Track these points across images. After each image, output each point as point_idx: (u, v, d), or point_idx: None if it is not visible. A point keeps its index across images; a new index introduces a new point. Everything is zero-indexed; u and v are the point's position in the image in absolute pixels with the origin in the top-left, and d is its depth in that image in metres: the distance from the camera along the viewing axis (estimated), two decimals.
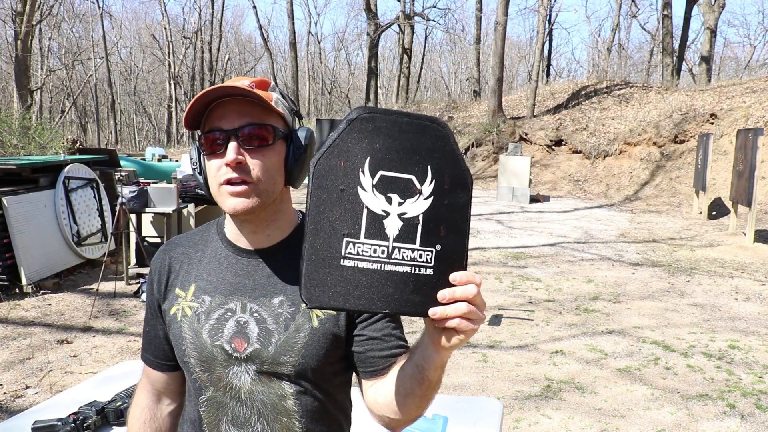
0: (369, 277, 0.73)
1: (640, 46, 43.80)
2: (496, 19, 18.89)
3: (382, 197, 0.74)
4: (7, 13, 23.02)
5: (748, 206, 8.65)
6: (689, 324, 5.18)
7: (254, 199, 0.96)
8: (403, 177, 0.74)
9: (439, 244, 0.75)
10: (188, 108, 0.96)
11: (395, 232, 0.74)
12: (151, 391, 1.18)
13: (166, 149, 20.98)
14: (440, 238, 0.75)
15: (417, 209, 0.74)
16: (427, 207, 0.74)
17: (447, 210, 0.75)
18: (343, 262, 0.73)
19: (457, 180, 0.75)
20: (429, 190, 0.74)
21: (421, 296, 0.74)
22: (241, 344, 0.99)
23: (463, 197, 0.76)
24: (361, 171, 0.74)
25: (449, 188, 0.75)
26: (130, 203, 6.06)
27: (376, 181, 0.74)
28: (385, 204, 0.74)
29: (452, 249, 0.75)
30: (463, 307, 0.73)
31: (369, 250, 0.73)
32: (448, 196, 0.75)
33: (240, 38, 50.36)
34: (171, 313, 1.06)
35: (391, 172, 0.74)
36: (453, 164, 0.76)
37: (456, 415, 1.85)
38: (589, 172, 16.03)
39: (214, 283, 1.04)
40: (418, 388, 0.88)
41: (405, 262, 0.74)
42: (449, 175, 0.75)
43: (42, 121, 20.06)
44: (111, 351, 4.47)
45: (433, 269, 0.74)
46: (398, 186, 0.74)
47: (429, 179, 0.74)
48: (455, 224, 0.75)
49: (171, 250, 1.11)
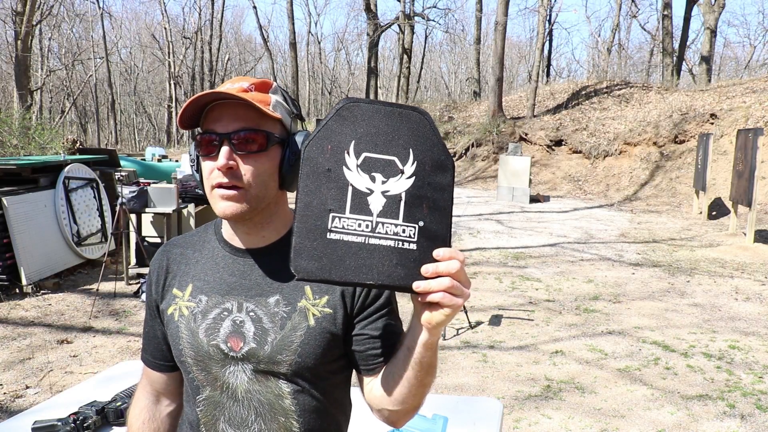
0: (354, 250, 0.77)
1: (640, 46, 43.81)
2: (496, 19, 18.89)
3: (366, 176, 0.79)
4: (7, 13, 23.02)
5: (748, 206, 8.65)
6: (689, 324, 5.18)
7: (244, 205, 0.96)
8: (386, 158, 0.79)
9: (422, 221, 0.79)
10: (182, 110, 0.96)
11: (379, 208, 0.78)
12: (151, 391, 1.18)
13: (166, 149, 20.98)
14: (423, 215, 0.79)
15: (400, 187, 0.79)
16: (409, 186, 0.79)
17: (429, 189, 0.79)
18: (329, 235, 0.77)
19: (438, 162, 0.80)
20: (411, 170, 0.79)
21: (405, 269, 0.77)
22: (237, 343, 0.99)
23: (445, 179, 0.80)
24: (346, 152, 0.79)
25: (431, 170, 0.80)
26: (130, 203, 6.06)
27: (360, 161, 0.79)
28: (369, 182, 0.79)
29: (435, 226, 0.79)
30: (446, 281, 0.75)
31: (354, 225, 0.78)
32: (431, 176, 0.79)
33: (240, 38, 50.38)
34: (168, 313, 1.06)
35: (375, 154, 0.79)
36: (433, 148, 0.80)
37: (456, 415, 1.85)
38: (589, 172, 16.03)
39: (211, 283, 1.04)
40: (410, 373, 0.89)
41: (388, 236, 0.78)
42: (431, 158, 0.80)
43: (42, 121, 20.07)
44: (111, 351, 4.47)
45: (416, 244, 0.78)
46: (381, 166, 0.79)
47: (411, 160, 0.79)
48: (438, 203, 0.79)
49: (169, 251, 1.12)
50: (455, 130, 19.39)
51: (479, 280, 6.65)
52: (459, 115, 20.86)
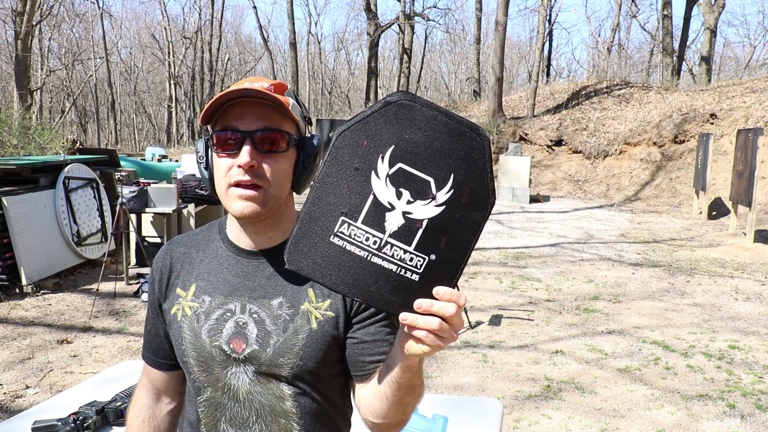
0: (352, 262, 0.72)
1: (640, 46, 43.82)
2: (496, 19, 18.89)
3: (393, 189, 0.71)
4: (7, 13, 23.02)
5: (748, 206, 8.65)
6: (689, 324, 5.18)
7: (262, 205, 0.96)
8: (422, 177, 0.71)
9: (435, 255, 0.72)
10: (209, 104, 0.95)
11: (394, 228, 0.72)
12: (151, 389, 1.18)
13: (166, 149, 20.96)
14: (438, 248, 0.72)
15: (424, 213, 0.71)
16: (435, 214, 0.71)
17: (456, 224, 0.72)
18: (332, 238, 0.72)
19: (477, 197, 0.72)
20: (444, 198, 0.71)
21: (398, 298, 0.72)
22: (239, 345, 0.99)
23: (477, 216, 0.72)
24: (381, 157, 0.71)
25: (466, 203, 0.71)
26: (130, 203, 6.06)
27: (392, 171, 0.71)
28: (394, 197, 0.71)
29: (447, 263, 0.72)
30: (434, 322, 0.71)
31: (361, 237, 0.72)
32: (463, 210, 0.71)
33: (240, 38, 50.36)
34: (171, 312, 1.06)
35: (411, 168, 0.71)
36: (479, 180, 0.72)
37: (456, 415, 1.85)
38: (589, 173, 16.03)
39: (215, 284, 1.04)
40: (388, 391, 0.87)
41: (393, 260, 0.72)
42: (471, 190, 0.71)
43: (42, 121, 20.07)
44: (111, 351, 4.47)
45: (419, 276, 0.72)
46: (413, 184, 0.71)
47: (448, 188, 0.71)
48: (459, 240, 0.72)
49: (173, 250, 1.11)
50: None
51: (479, 280, 6.65)
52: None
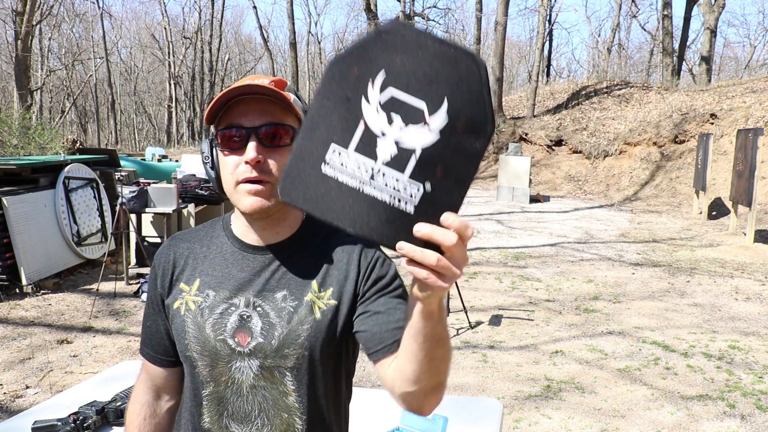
0: (345, 193, 0.69)
1: (640, 46, 43.82)
2: (496, 19, 18.90)
3: (384, 115, 0.68)
4: (7, 13, 23.02)
5: (748, 206, 8.65)
6: (689, 324, 5.18)
7: (270, 200, 0.97)
8: (414, 102, 0.67)
9: (430, 184, 0.67)
10: (213, 102, 0.96)
11: (386, 157, 0.68)
12: (151, 387, 1.18)
13: (166, 149, 20.96)
14: (434, 178, 0.67)
15: (418, 140, 0.67)
16: (430, 142, 0.67)
17: (452, 152, 0.67)
18: (323, 168, 0.69)
19: (474, 124, 0.67)
20: (437, 124, 0.67)
21: (393, 230, 0.67)
22: (244, 338, 1.00)
23: (475, 144, 0.67)
24: (371, 82, 0.68)
25: (462, 130, 0.67)
26: (130, 203, 6.06)
27: (384, 98, 0.68)
28: (385, 124, 0.68)
29: (444, 195, 0.67)
30: (432, 258, 0.64)
31: (353, 165, 0.69)
32: (459, 138, 0.67)
33: (240, 38, 50.36)
34: (174, 307, 1.06)
35: (403, 93, 0.67)
36: (476, 106, 0.67)
37: (456, 415, 1.84)
38: (589, 172, 16.03)
39: (219, 279, 1.04)
40: (415, 346, 0.81)
41: (386, 189, 0.68)
42: (467, 117, 0.67)
43: (42, 121, 20.07)
44: (111, 351, 4.47)
45: (415, 208, 0.67)
46: (406, 110, 0.67)
47: (442, 113, 0.67)
48: (456, 170, 0.67)
49: (175, 246, 1.12)
50: None
51: (479, 280, 6.65)
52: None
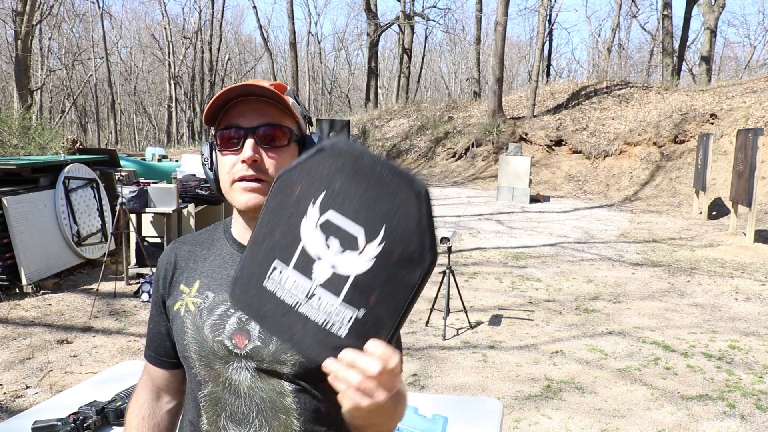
0: (282, 309, 0.70)
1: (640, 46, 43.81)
2: (496, 19, 18.89)
3: (322, 239, 0.68)
4: (7, 13, 23.02)
5: (748, 206, 8.65)
6: (689, 324, 5.18)
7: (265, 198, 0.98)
8: (351, 228, 0.67)
9: (364, 311, 0.67)
10: (210, 103, 0.99)
11: (322, 279, 0.68)
12: (152, 388, 1.19)
13: (166, 149, 20.97)
14: (367, 305, 0.67)
15: (351, 268, 0.67)
16: (364, 270, 0.66)
17: (387, 281, 0.66)
18: (265, 282, 0.71)
19: (410, 256, 0.65)
20: (373, 253, 0.66)
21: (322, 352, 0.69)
22: (242, 341, 1.00)
23: (411, 276, 0.65)
24: (312, 203, 0.68)
25: (396, 262, 0.65)
26: (130, 203, 6.06)
27: (322, 220, 0.68)
28: (323, 248, 0.68)
29: (377, 321, 0.67)
30: (354, 378, 0.66)
31: (291, 284, 0.70)
32: (394, 268, 0.66)
33: (240, 38, 50.35)
34: (174, 308, 1.08)
35: (342, 217, 0.67)
36: (412, 237, 0.65)
37: (456, 415, 1.84)
38: (589, 172, 16.03)
39: (219, 281, 1.05)
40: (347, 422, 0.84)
41: (320, 312, 0.68)
42: (403, 248, 0.65)
43: (42, 121, 20.07)
44: (111, 351, 4.47)
45: (346, 333, 0.68)
46: (342, 235, 0.67)
47: (378, 241, 0.66)
48: (390, 299, 0.66)
49: (178, 248, 1.14)
50: (455, 130, 19.40)
51: (479, 280, 6.65)
52: (459, 115, 20.87)
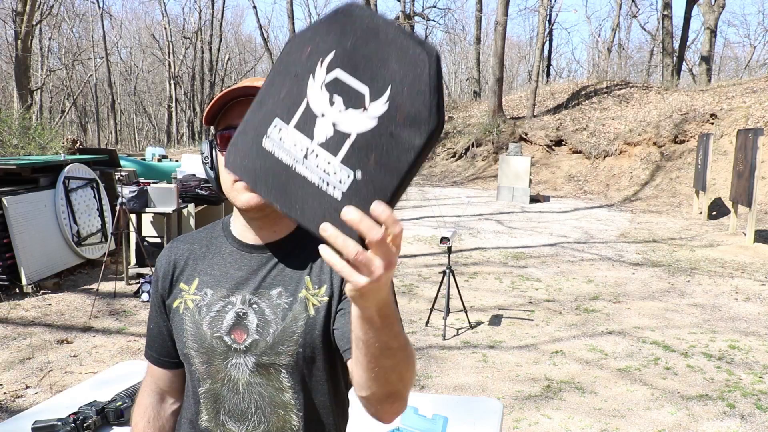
0: (279, 168, 0.68)
1: (640, 46, 43.82)
2: (496, 19, 18.89)
3: (326, 96, 0.67)
4: (7, 13, 23.03)
5: (748, 206, 8.65)
6: (689, 324, 5.18)
7: None
8: (357, 86, 0.66)
9: (361, 172, 0.64)
10: (211, 104, 1.00)
11: (321, 138, 0.67)
12: (155, 389, 1.19)
13: (166, 149, 20.98)
14: (366, 166, 0.64)
15: (354, 125, 0.65)
16: (367, 128, 0.64)
17: (388, 141, 0.64)
18: (264, 142, 0.70)
19: (414, 116, 0.63)
20: (377, 111, 0.64)
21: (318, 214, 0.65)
22: (240, 335, 1.01)
23: (414, 138, 0.63)
24: (320, 61, 0.67)
25: (402, 120, 0.64)
26: (130, 203, 6.06)
27: (329, 78, 0.67)
28: (326, 105, 0.67)
29: (376, 184, 0.64)
30: (351, 249, 0.60)
31: (291, 142, 0.68)
32: (398, 128, 0.64)
33: (240, 38, 50.36)
34: (174, 306, 1.08)
35: (348, 75, 0.66)
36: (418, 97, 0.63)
37: (456, 415, 1.85)
38: (589, 172, 16.03)
39: (217, 278, 1.06)
40: (361, 354, 0.78)
41: (317, 171, 0.66)
42: (408, 107, 0.63)
43: (42, 121, 20.08)
44: (111, 351, 4.47)
45: (342, 194, 0.64)
46: (348, 92, 0.66)
47: (384, 100, 0.64)
48: (390, 159, 0.64)
49: (176, 248, 1.14)
50: (455, 130, 19.40)
51: (479, 280, 6.65)
52: (459, 115, 20.87)
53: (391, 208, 0.62)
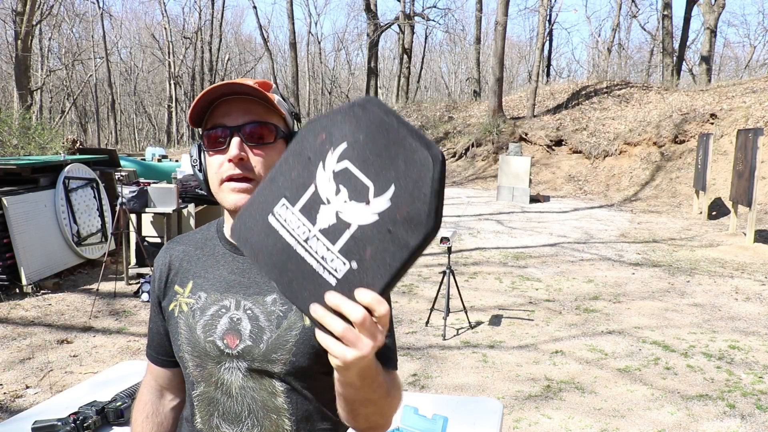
0: (280, 247, 0.72)
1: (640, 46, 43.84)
2: (496, 19, 18.89)
3: (333, 185, 0.70)
4: (7, 13, 23.03)
5: (748, 206, 8.65)
6: (689, 324, 5.18)
7: None
8: (363, 180, 0.69)
9: (356, 264, 0.67)
10: (194, 103, 0.98)
11: (324, 224, 0.70)
12: (155, 386, 1.20)
13: (166, 149, 20.98)
14: (362, 257, 0.67)
15: (356, 217, 0.68)
16: (367, 222, 0.67)
17: (385, 237, 0.66)
18: (269, 217, 0.73)
19: (412, 218, 0.66)
20: (379, 207, 0.67)
21: (310, 296, 0.69)
22: (233, 341, 1.01)
23: (410, 238, 0.65)
24: (331, 150, 0.71)
25: (401, 220, 0.66)
26: (130, 203, 6.06)
27: (338, 168, 0.70)
28: (332, 194, 0.70)
29: (368, 276, 0.67)
30: (338, 327, 0.65)
31: (293, 224, 0.72)
32: (396, 226, 0.66)
33: (240, 38, 50.36)
34: (169, 309, 1.08)
35: (356, 169, 0.69)
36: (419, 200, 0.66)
37: (456, 415, 1.85)
38: (589, 172, 16.03)
39: (211, 281, 1.06)
40: (340, 400, 0.87)
41: (315, 256, 0.70)
42: (409, 209, 0.66)
43: (42, 121, 20.07)
44: (111, 351, 4.47)
45: (337, 281, 0.68)
46: (354, 185, 0.69)
47: (386, 198, 0.67)
48: (385, 255, 0.66)
49: (172, 249, 1.14)
50: (455, 130, 19.39)
51: (479, 280, 6.66)
52: (459, 115, 20.86)
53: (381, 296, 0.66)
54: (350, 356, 0.66)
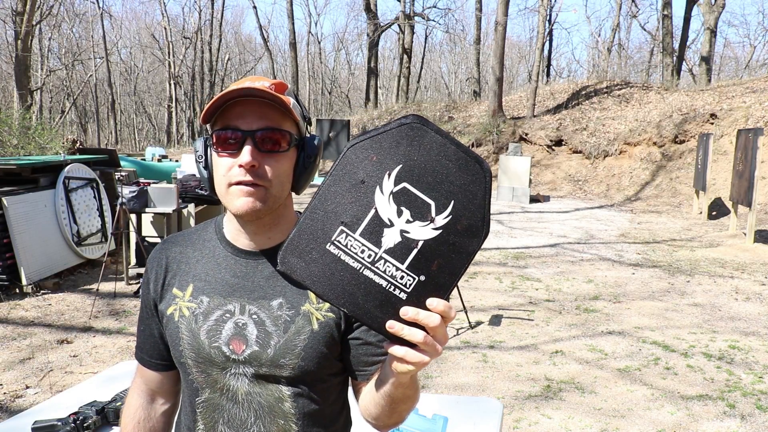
0: (344, 272, 0.74)
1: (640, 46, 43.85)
2: (496, 19, 18.89)
3: (394, 207, 0.73)
4: (7, 13, 23.03)
5: (748, 206, 8.65)
6: (689, 324, 5.18)
7: (262, 203, 0.95)
8: (424, 199, 0.74)
9: (425, 276, 0.73)
10: (210, 103, 0.94)
11: (390, 245, 0.73)
12: (145, 390, 1.17)
13: (166, 149, 20.98)
14: (429, 270, 0.73)
15: (421, 234, 0.73)
16: (431, 237, 0.73)
17: (450, 249, 0.74)
18: (328, 246, 0.74)
19: (472, 227, 0.74)
20: (442, 222, 0.73)
21: (383, 313, 0.73)
22: (239, 346, 0.99)
23: (471, 245, 0.74)
24: (388, 174, 0.74)
25: (462, 231, 0.74)
26: (130, 203, 6.06)
27: (396, 189, 0.74)
28: (395, 215, 0.73)
29: (436, 286, 0.74)
30: (419, 336, 0.71)
31: (357, 248, 0.74)
32: (458, 237, 0.74)
33: (240, 38, 50.34)
34: (168, 313, 1.05)
35: (415, 189, 0.74)
36: (476, 210, 0.74)
37: (456, 415, 1.85)
38: (589, 172, 16.03)
39: (212, 284, 1.03)
40: (384, 402, 0.90)
41: (384, 275, 0.73)
42: (468, 219, 0.74)
43: (42, 121, 20.05)
44: (111, 351, 4.47)
45: (407, 295, 0.73)
46: (415, 204, 0.73)
47: (447, 213, 0.73)
48: (451, 265, 0.74)
49: (168, 249, 1.10)
50: (455, 130, 19.39)
51: (479, 280, 6.65)
52: (459, 115, 20.86)
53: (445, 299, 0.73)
54: (426, 360, 0.72)
